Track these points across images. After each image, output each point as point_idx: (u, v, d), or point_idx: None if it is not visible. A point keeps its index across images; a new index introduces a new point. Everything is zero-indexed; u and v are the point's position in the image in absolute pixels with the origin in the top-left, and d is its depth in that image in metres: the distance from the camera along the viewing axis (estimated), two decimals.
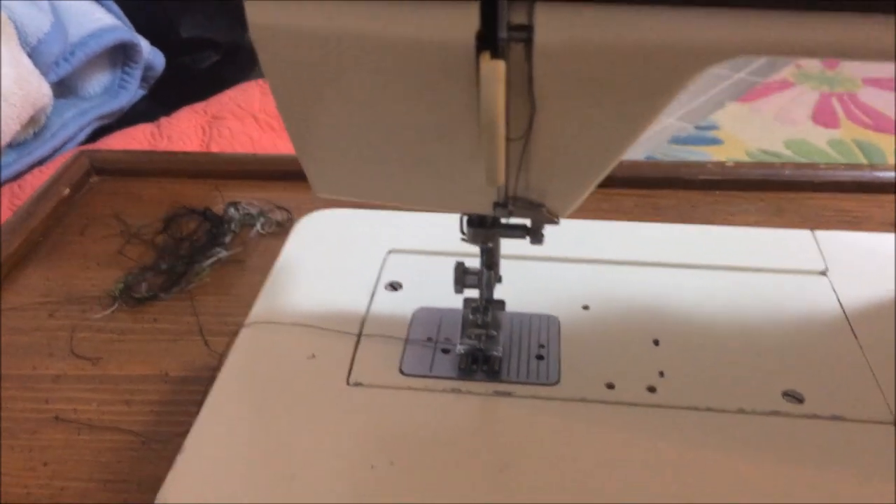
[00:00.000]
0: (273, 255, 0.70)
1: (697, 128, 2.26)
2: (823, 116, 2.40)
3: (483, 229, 0.38)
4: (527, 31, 0.28)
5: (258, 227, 0.72)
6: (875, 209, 0.72)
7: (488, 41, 0.28)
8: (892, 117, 2.36)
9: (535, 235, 0.38)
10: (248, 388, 0.41)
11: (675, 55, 0.27)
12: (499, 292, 0.43)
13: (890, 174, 0.74)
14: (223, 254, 0.69)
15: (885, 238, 0.49)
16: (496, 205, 0.35)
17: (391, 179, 0.35)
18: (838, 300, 0.45)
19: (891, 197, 0.73)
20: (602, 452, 0.37)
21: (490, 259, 0.41)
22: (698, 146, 2.10)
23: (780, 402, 0.39)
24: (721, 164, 0.77)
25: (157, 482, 0.49)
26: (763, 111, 2.45)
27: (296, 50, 0.31)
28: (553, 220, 0.35)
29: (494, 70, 0.27)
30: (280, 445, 0.38)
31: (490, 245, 0.40)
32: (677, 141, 2.04)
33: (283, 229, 0.72)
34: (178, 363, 0.58)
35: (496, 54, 0.28)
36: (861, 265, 0.47)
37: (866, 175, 0.74)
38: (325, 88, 0.32)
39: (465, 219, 0.39)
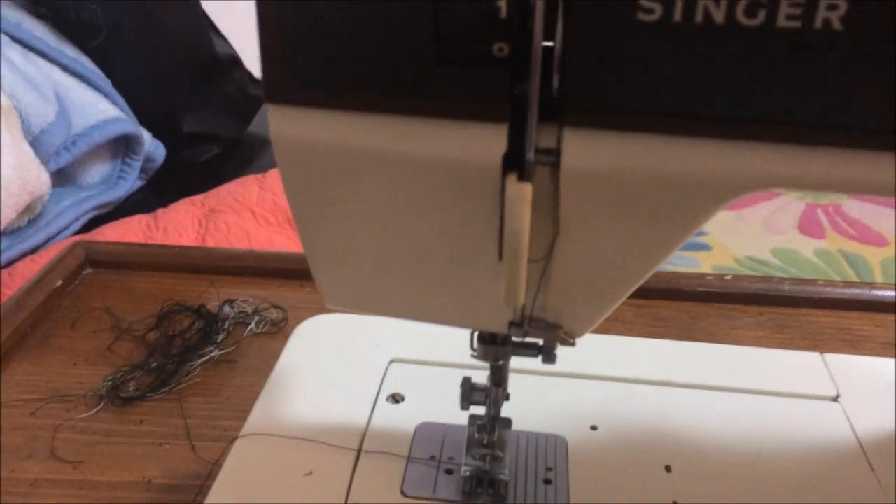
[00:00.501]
0: (267, 355, 0.68)
1: None
2: (809, 227, 2.44)
3: (494, 347, 0.37)
4: (554, 154, 0.28)
5: (253, 326, 0.71)
6: (875, 328, 0.72)
7: (514, 162, 0.28)
8: (877, 230, 2.40)
9: (548, 355, 0.37)
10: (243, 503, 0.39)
11: (702, 186, 0.27)
12: (504, 408, 0.42)
13: (889, 293, 0.74)
14: (216, 353, 0.67)
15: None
16: (511, 324, 0.34)
17: (404, 295, 0.34)
18: (852, 429, 0.44)
19: (890, 316, 0.73)
20: None
21: (499, 376, 0.39)
22: (687, 251, 2.12)
23: None
24: (721, 277, 0.77)
25: None
26: (750, 219, 2.49)
27: (316, 161, 0.30)
28: (569, 341, 0.34)
29: (521, 193, 0.27)
30: None
31: (501, 363, 0.38)
32: None
33: (278, 329, 0.71)
34: (162, 469, 0.55)
35: (522, 176, 0.27)
36: (872, 391, 0.46)
37: (865, 294, 0.74)
38: (343, 201, 0.31)
39: (475, 335, 0.38)
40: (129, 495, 0.53)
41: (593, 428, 0.44)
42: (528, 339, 0.38)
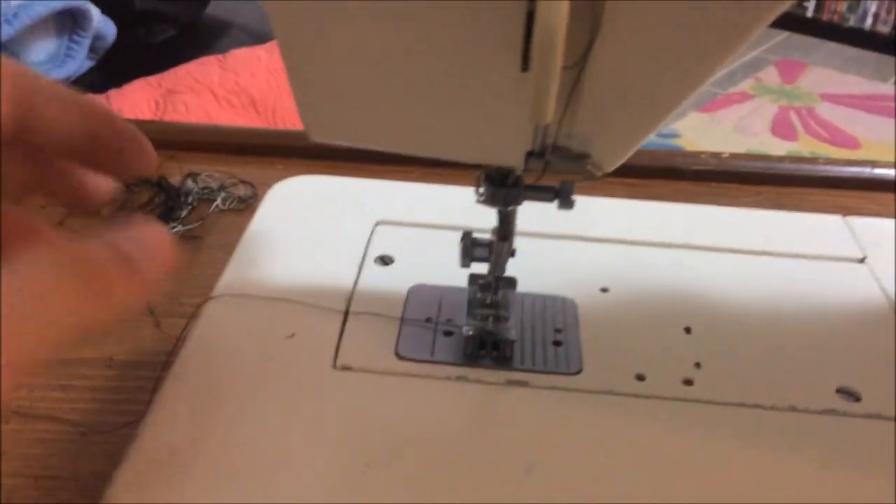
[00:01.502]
0: (234, 232, 0.63)
1: (659, 135, 2.24)
2: (782, 129, 2.42)
3: (504, 189, 0.33)
4: None
5: (218, 202, 0.65)
6: (874, 206, 0.69)
7: None
8: (849, 132, 2.39)
9: (566, 199, 0.33)
10: (216, 367, 0.35)
11: None
12: (507, 270, 0.37)
13: (890, 172, 0.71)
14: (179, 229, 0.62)
15: None
16: (530, 155, 0.29)
17: (405, 120, 0.29)
18: (882, 289, 0.40)
19: (890, 196, 0.70)
20: (638, 451, 0.31)
21: (506, 228, 0.35)
22: None
23: (836, 400, 0.34)
24: (717, 155, 0.73)
25: (97, 479, 0.42)
26: (723, 121, 2.45)
27: None
28: (595, 174, 0.29)
29: None
30: (255, 436, 0.31)
31: (510, 209, 0.34)
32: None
33: (246, 206, 0.65)
34: (123, 346, 0.51)
35: None
36: None
37: (865, 172, 0.71)
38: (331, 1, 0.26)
39: (482, 177, 0.33)
40: (89, 372, 0.49)
41: (604, 290, 0.40)
42: (541, 184, 0.33)
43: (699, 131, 2.32)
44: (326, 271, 0.40)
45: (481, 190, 0.33)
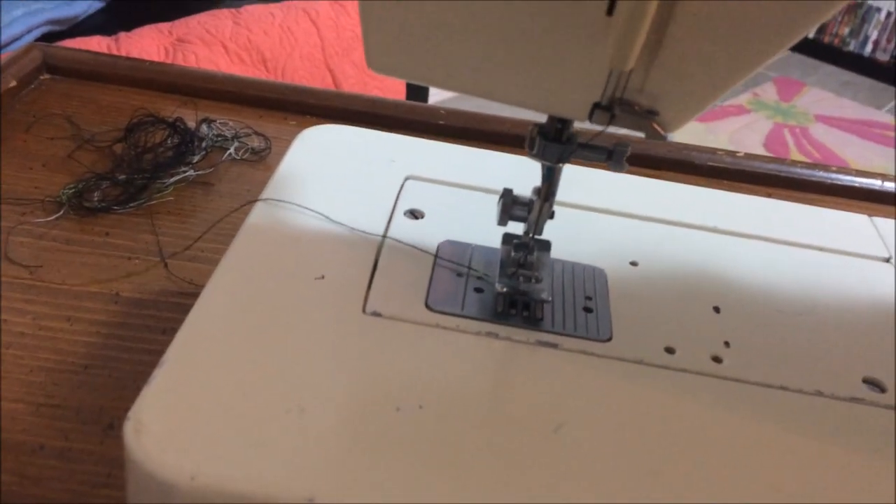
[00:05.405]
0: (247, 182, 0.62)
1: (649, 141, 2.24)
2: (775, 146, 2.44)
3: (559, 145, 0.32)
4: None
5: (231, 151, 0.64)
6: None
7: None
8: (840, 155, 2.41)
9: (618, 161, 0.32)
10: (241, 305, 0.34)
11: None
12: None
13: None
14: (191, 173, 0.61)
15: None
16: (595, 108, 0.29)
17: (473, 59, 0.28)
18: None
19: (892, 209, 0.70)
20: (667, 422, 0.31)
21: (549, 188, 0.34)
22: None
23: (862, 389, 0.34)
24: (732, 153, 0.73)
25: (99, 412, 0.42)
26: (718, 132, 2.47)
27: None
28: (659, 133, 0.29)
29: None
30: (285, 371, 0.31)
31: (558, 167, 0.33)
32: None
33: (259, 158, 0.64)
34: (131, 284, 0.50)
35: None
36: None
37: (876, 185, 0.72)
38: None
39: (534, 131, 0.33)
40: (95, 306, 0.48)
41: (633, 264, 0.40)
42: (595, 143, 0.33)
43: (693, 140, 2.32)
44: (356, 219, 0.39)
45: (533, 144, 0.33)
